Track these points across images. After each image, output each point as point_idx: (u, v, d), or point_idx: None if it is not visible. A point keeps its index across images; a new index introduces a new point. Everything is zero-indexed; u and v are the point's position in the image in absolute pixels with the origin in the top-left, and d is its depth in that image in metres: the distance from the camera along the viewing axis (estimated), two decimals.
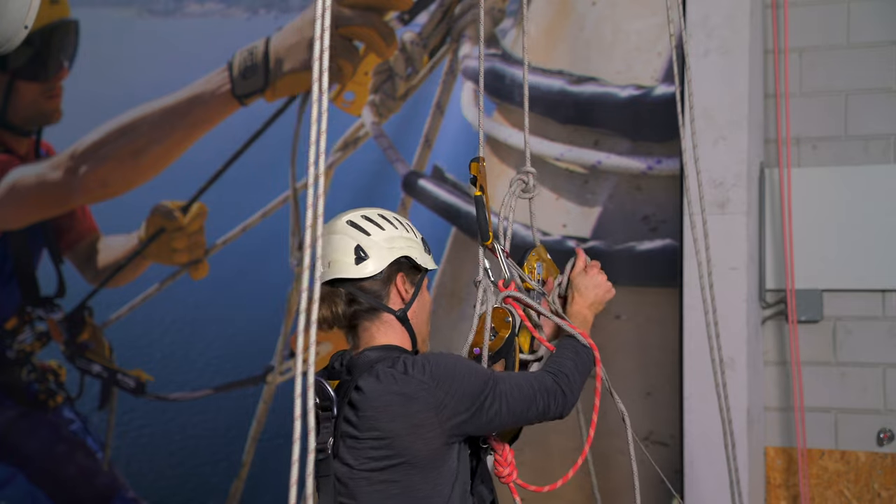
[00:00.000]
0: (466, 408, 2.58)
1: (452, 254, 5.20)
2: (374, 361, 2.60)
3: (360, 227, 2.69)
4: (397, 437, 2.55)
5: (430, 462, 2.58)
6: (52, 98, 6.17)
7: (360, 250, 2.66)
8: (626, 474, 4.84)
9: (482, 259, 3.06)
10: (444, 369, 2.58)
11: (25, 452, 6.18)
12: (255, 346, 5.64)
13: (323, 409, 2.58)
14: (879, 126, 4.68)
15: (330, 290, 2.64)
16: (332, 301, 2.65)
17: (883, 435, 4.60)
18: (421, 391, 2.54)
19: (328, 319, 2.65)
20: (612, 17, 4.94)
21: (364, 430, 2.56)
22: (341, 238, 2.67)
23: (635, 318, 4.86)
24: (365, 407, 2.56)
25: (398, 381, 2.55)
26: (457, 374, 2.58)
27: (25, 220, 6.24)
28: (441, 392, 2.55)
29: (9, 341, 6.25)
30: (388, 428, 2.55)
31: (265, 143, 5.72)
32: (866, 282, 4.65)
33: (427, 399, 2.54)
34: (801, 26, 4.76)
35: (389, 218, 2.75)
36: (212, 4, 6.10)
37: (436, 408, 2.55)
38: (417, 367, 2.57)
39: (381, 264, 2.66)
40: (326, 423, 2.57)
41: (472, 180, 3.07)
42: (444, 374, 2.57)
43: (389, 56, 5.41)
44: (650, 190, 4.85)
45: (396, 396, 2.54)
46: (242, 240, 5.77)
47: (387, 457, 2.56)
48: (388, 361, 2.59)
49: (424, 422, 2.55)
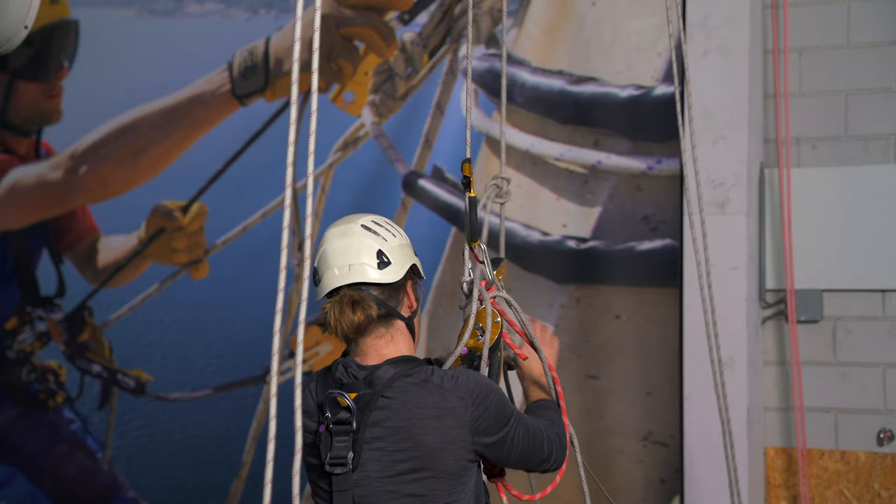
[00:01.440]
0: (495, 432, 2.59)
1: (452, 254, 5.20)
2: (400, 374, 2.56)
3: (377, 232, 2.66)
4: (429, 450, 2.53)
5: (456, 477, 2.57)
6: (52, 98, 6.18)
7: (382, 255, 2.62)
8: (625, 474, 4.85)
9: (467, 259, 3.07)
10: (480, 389, 2.58)
11: (25, 452, 6.19)
12: (255, 346, 5.64)
13: (337, 423, 2.53)
14: (879, 126, 4.68)
15: (361, 295, 2.58)
16: (367, 306, 2.57)
17: (883, 435, 4.60)
18: (458, 407, 2.54)
19: (362, 325, 2.57)
20: (612, 17, 4.94)
21: (394, 442, 2.53)
22: (360, 242, 2.62)
23: (635, 318, 4.86)
24: (396, 419, 2.53)
25: (434, 395, 2.53)
26: (491, 397, 2.59)
27: (25, 220, 6.24)
28: (477, 411, 2.55)
29: (9, 341, 6.25)
30: (421, 441, 2.52)
31: (265, 143, 5.73)
32: (866, 282, 4.65)
33: (463, 416, 2.54)
34: (801, 26, 4.76)
35: (394, 225, 2.74)
36: (212, 4, 6.10)
37: (470, 426, 2.55)
38: (454, 382, 2.56)
39: (401, 272, 2.64)
40: (343, 437, 2.53)
41: (466, 181, 3.07)
42: (480, 393, 2.57)
43: (389, 56, 5.41)
44: (650, 190, 4.85)
45: (433, 409, 2.53)
46: (242, 240, 5.77)
47: (414, 469, 2.54)
48: (420, 373, 2.57)
49: (457, 438, 2.54)
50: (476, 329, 2.88)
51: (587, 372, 4.93)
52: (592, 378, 4.93)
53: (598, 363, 4.92)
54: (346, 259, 2.60)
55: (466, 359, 2.86)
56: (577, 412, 4.94)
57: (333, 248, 2.61)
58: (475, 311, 2.91)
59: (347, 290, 2.58)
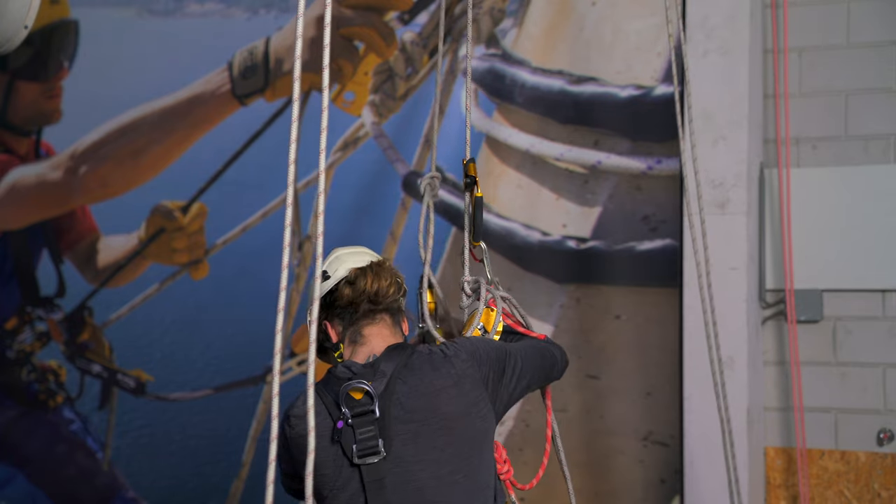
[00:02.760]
0: (500, 372, 2.70)
1: (453, 254, 5.20)
2: (406, 356, 2.66)
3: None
4: (457, 418, 2.61)
5: (484, 441, 2.66)
6: (52, 98, 6.17)
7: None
8: (625, 474, 4.85)
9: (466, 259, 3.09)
10: (472, 347, 2.71)
11: (25, 452, 6.18)
12: (255, 346, 5.64)
13: (357, 415, 2.56)
14: (879, 126, 4.68)
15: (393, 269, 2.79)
16: (398, 278, 2.78)
17: (883, 435, 4.60)
18: (468, 369, 2.65)
19: (391, 296, 2.74)
20: (612, 17, 4.94)
21: (422, 421, 2.59)
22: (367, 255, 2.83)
23: (635, 318, 4.86)
24: (417, 398, 2.60)
25: (444, 365, 2.64)
26: (482, 348, 2.72)
27: (25, 220, 6.24)
28: (483, 367, 2.67)
29: (9, 341, 6.25)
30: (448, 412, 2.60)
31: (265, 143, 5.72)
32: (866, 282, 4.65)
33: (474, 375, 2.65)
34: (801, 26, 4.76)
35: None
36: (212, 4, 6.10)
37: (483, 381, 2.66)
38: (453, 350, 2.67)
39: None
40: (368, 427, 2.55)
41: (472, 181, 3.07)
42: (474, 350, 2.70)
43: (389, 56, 5.41)
44: (650, 190, 4.85)
45: (448, 378, 2.62)
46: (242, 240, 5.77)
47: (450, 443, 2.59)
48: (421, 351, 2.68)
49: (478, 399, 2.64)
50: (478, 329, 2.89)
51: (587, 372, 4.93)
52: (592, 378, 4.93)
53: (598, 363, 4.92)
54: (367, 257, 2.79)
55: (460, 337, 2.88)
56: (577, 412, 4.94)
57: (344, 256, 2.79)
58: (481, 311, 2.92)
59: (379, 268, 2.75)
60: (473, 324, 2.90)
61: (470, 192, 3.13)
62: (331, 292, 2.73)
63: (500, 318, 2.90)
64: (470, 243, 3.11)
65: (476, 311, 2.93)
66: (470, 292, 3.01)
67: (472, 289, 3.01)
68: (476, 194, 3.08)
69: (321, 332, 2.73)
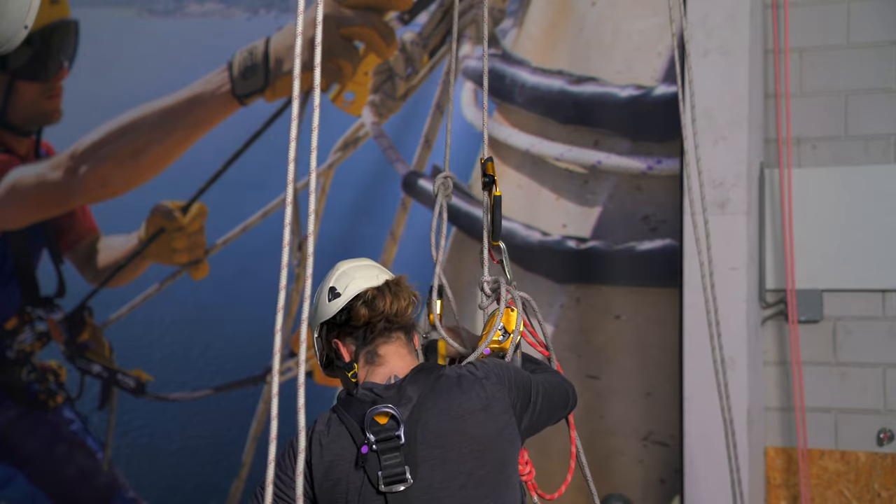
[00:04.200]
0: (525, 403, 2.67)
1: (452, 254, 5.20)
2: (433, 380, 2.59)
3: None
4: (488, 442, 2.56)
5: (511, 464, 2.63)
6: (52, 98, 6.17)
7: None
8: (625, 474, 4.85)
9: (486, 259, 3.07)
10: (502, 370, 2.65)
11: (25, 452, 6.18)
12: (255, 346, 5.64)
13: (382, 441, 2.50)
14: (879, 126, 4.68)
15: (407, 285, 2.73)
16: (413, 296, 2.72)
17: (883, 435, 4.60)
18: (497, 392, 2.59)
19: (406, 316, 2.69)
20: (612, 17, 4.94)
21: (452, 446, 2.53)
22: (381, 272, 2.75)
23: (635, 318, 4.86)
24: (446, 423, 2.53)
25: (474, 387, 2.58)
26: (511, 374, 2.67)
27: (25, 220, 6.24)
28: (511, 393, 2.63)
29: (9, 341, 6.25)
30: (478, 436, 2.55)
31: (265, 143, 5.72)
32: (866, 282, 4.65)
33: (503, 400, 2.60)
34: (801, 26, 4.76)
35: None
36: (212, 4, 6.10)
37: (511, 406, 2.62)
38: (483, 372, 2.62)
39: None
40: (394, 453, 2.50)
41: (490, 180, 3.07)
42: (504, 375, 2.64)
43: (389, 56, 5.41)
44: (650, 190, 4.85)
45: (478, 402, 2.56)
46: (242, 240, 5.77)
47: (480, 467, 2.54)
48: (449, 373, 2.61)
49: (507, 423, 2.60)
50: (499, 331, 2.87)
51: (587, 372, 4.93)
52: (592, 378, 4.93)
53: (598, 363, 4.92)
54: (376, 272, 2.71)
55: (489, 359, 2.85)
56: (577, 412, 4.92)
57: (357, 267, 2.71)
58: (502, 312, 2.89)
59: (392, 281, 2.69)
60: (494, 325, 2.87)
61: (488, 192, 3.12)
62: (345, 310, 2.63)
63: (521, 319, 2.88)
64: (489, 243, 3.09)
65: (496, 312, 2.90)
66: (490, 293, 2.99)
67: (492, 289, 2.99)
68: (495, 193, 3.07)
69: (332, 351, 2.66)
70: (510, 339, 2.85)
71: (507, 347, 2.85)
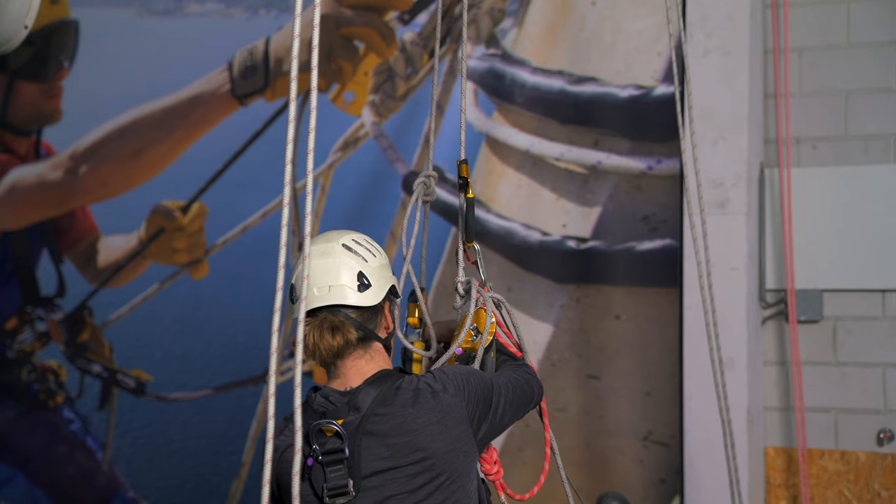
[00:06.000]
0: (485, 411, 2.61)
1: (452, 254, 5.20)
2: (384, 390, 2.54)
3: (357, 252, 2.62)
4: (441, 455, 2.51)
5: (466, 475, 2.58)
6: (52, 98, 6.17)
7: (363, 277, 2.59)
8: (625, 474, 4.85)
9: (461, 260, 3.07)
10: (462, 380, 2.58)
11: (25, 452, 6.18)
12: (255, 346, 5.64)
13: (327, 454, 2.47)
14: (879, 126, 4.68)
15: (341, 319, 2.55)
16: (347, 330, 2.55)
17: (883, 435, 4.60)
18: (454, 405, 2.54)
19: (341, 349, 2.55)
20: (612, 17, 4.94)
21: (404, 458, 2.50)
22: (341, 263, 2.58)
23: (635, 318, 4.86)
24: (399, 435, 2.49)
25: (429, 400, 2.52)
26: (472, 383, 2.60)
27: (25, 220, 6.24)
28: (469, 404, 2.57)
29: (9, 341, 6.25)
30: (432, 448, 2.50)
31: (265, 143, 5.72)
32: (866, 282, 4.65)
33: (460, 412, 2.55)
34: (801, 26, 4.76)
35: (374, 244, 2.70)
36: (212, 4, 6.10)
37: (468, 419, 2.57)
38: (441, 383, 2.55)
39: (380, 294, 2.61)
40: (338, 466, 2.47)
41: (464, 182, 3.06)
42: (463, 385, 2.58)
43: (389, 56, 5.41)
44: (650, 190, 4.85)
45: (433, 414, 2.51)
46: (242, 240, 5.77)
47: (433, 478, 2.51)
48: (407, 384, 2.54)
49: (461, 435, 2.55)
50: (471, 329, 2.88)
51: (587, 372, 4.93)
52: (592, 378, 4.92)
53: (598, 363, 4.92)
54: (326, 280, 2.56)
55: (461, 359, 2.86)
56: (577, 412, 4.94)
57: (314, 267, 2.57)
58: (472, 312, 2.90)
59: (327, 314, 2.55)
60: (466, 325, 2.88)
61: (463, 193, 3.12)
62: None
63: (490, 319, 2.88)
64: (464, 244, 3.10)
65: (468, 312, 2.91)
66: (463, 293, 3.00)
67: (465, 290, 2.99)
68: (468, 195, 3.07)
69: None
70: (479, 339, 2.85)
71: (477, 348, 2.84)
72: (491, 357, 2.87)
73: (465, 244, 3.07)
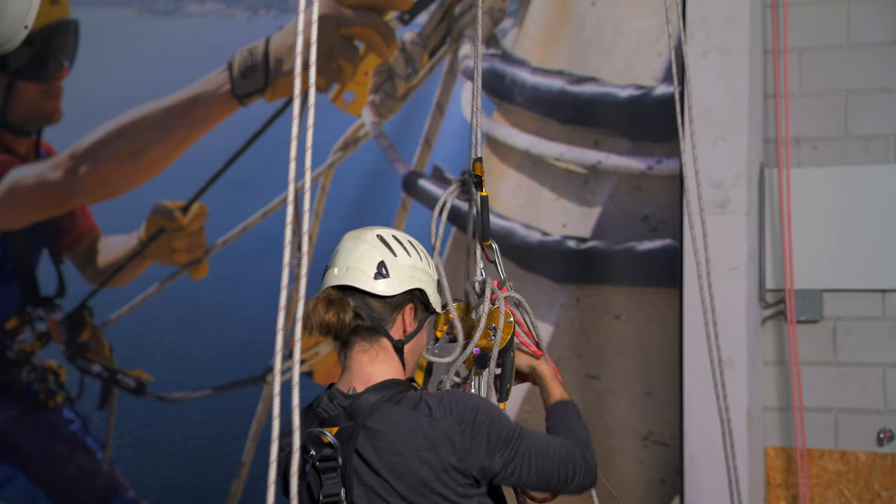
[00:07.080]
0: (493, 455, 2.50)
1: (452, 254, 5.20)
2: (384, 401, 2.50)
3: (388, 244, 2.60)
4: (428, 483, 2.45)
5: (467, 500, 2.50)
6: (52, 98, 6.17)
7: (382, 266, 2.56)
8: (625, 474, 4.85)
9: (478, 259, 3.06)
10: (469, 413, 2.48)
11: (25, 452, 6.18)
12: (255, 346, 5.64)
13: (322, 460, 2.47)
14: (879, 126, 4.69)
15: (341, 296, 2.53)
16: (342, 308, 2.51)
17: (883, 435, 4.60)
18: (451, 434, 2.46)
19: (332, 326, 2.51)
20: (612, 17, 4.94)
21: (393, 477, 2.46)
22: (368, 249, 2.58)
23: (635, 318, 4.86)
24: (389, 453, 2.46)
25: (424, 425, 2.46)
26: (481, 419, 2.49)
27: (25, 220, 6.24)
28: (467, 437, 2.47)
29: (9, 341, 6.25)
30: (419, 474, 2.45)
31: (265, 143, 5.73)
32: (866, 282, 4.65)
33: (455, 443, 2.46)
34: (801, 26, 4.76)
35: (418, 248, 2.67)
36: (212, 4, 6.10)
37: (463, 452, 2.47)
38: (443, 410, 2.48)
39: (397, 288, 2.56)
40: (332, 474, 2.47)
41: (479, 181, 3.06)
42: (469, 417, 2.48)
43: (389, 56, 5.41)
44: (650, 190, 4.85)
45: (423, 441, 2.45)
46: (242, 240, 5.77)
47: (423, 500, 2.47)
48: (408, 401, 2.50)
49: (450, 467, 2.46)
50: (488, 329, 2.86)
51: (587, 372, 4.93)
52: (592, 378, 4.93)
53: (598, 363, 4.92)
54: (347, 261, 2.57)
55: (478, 359, 2.83)
56: None
57: (342, 248, 2.60)
58: (487, 311, 2.88)
59: (333, 290, 2.55)
60: (481, 325, 2.86)
61: (478, 192, 3.12)
62: None
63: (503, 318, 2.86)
64: (480, 243, 3.08)
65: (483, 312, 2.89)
66: (479, 293, 2.98)
67: (481, 289, 2.98)
68: (482, 193, 3.06)
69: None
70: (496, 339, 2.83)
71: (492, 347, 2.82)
72: (511, 357, 2.85)
73: (482, 243, 3.05)
